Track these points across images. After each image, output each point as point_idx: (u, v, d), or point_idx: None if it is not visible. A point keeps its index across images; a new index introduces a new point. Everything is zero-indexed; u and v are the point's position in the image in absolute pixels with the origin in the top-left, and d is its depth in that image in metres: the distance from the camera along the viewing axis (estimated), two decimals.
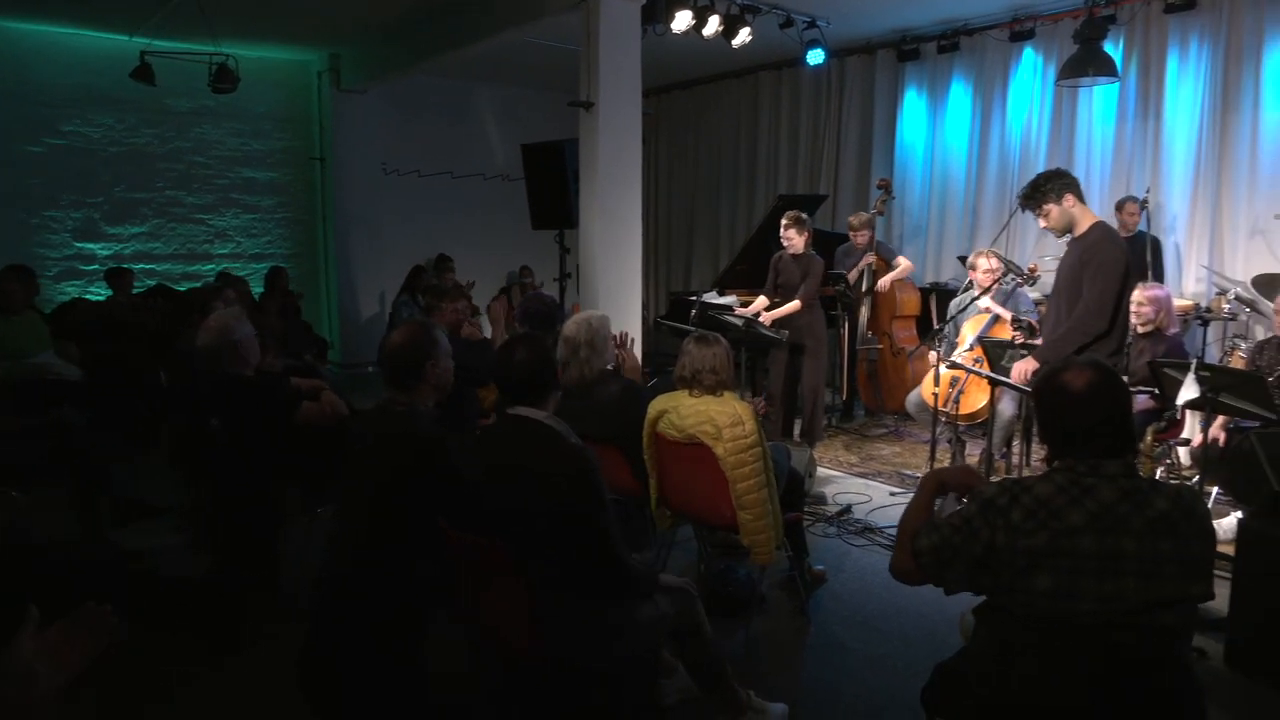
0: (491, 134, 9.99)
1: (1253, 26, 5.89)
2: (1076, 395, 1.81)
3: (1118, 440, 1.81)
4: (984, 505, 1.82)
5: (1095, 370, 1.85)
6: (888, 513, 4.82)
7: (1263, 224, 5.93)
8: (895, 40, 7.85)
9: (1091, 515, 1.72)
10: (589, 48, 5.25)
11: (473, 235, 9.77)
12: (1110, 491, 1.74)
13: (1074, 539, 1.70)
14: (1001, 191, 7.32)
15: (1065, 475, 1.80)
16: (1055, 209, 3.80)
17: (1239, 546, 3.12)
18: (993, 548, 1.77)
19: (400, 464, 2.34)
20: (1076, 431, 1.81)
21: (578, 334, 3.51)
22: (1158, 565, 1.68)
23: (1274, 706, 2.89)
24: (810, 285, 5.68)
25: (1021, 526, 1.74)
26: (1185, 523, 1.72)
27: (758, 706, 2.71)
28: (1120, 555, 1.69)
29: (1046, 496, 1.76)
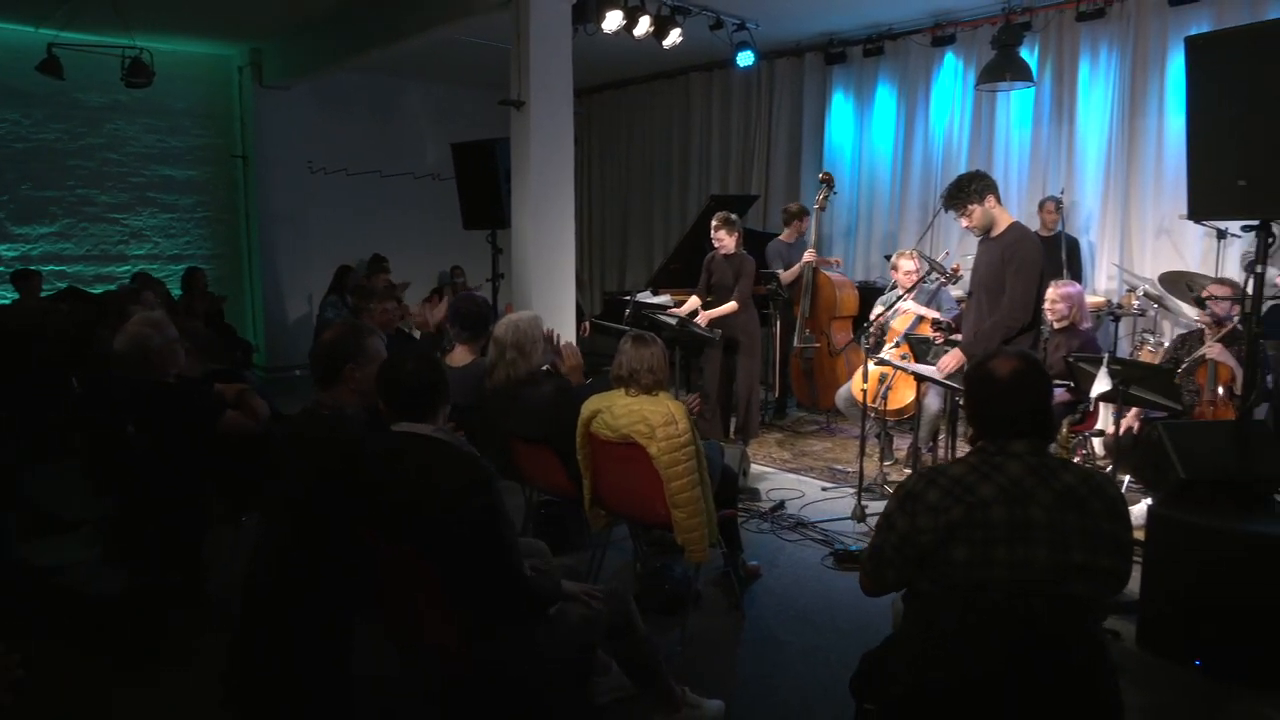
0: (421, 132, 9.85)
1: (1157, 36, 6.17)
2: (1003, 383, 1.91)
3: (1038, 428, 1.91)
4: (902, 497, 1.92)
5: (1022, 360, 1.95)
6: (819, 507, 4.91)
7: (1168, 224, 6.22)
8: (823, 43, 7.99)
9: (1001, 488, 1.83)
10: (519, 46, 5.21)
11: (403, 235, 9.62)
12: (1018, 467, 1.85)
13: (986, 510, 1.81)
14: (926, 192, 7.52)
15: (977, 456, 1.91)
16: (978, 209, 3.96)
17: (1149, 532, 3.27)
18: (915, 530, 1.86)
19: (323, 468, 2.29)
20: (1001, 418, 1.91)
21: (504, 336, 3.49)
22: (1065, 535, 1.78)
23: (1182, 682, 3.04)
24: (745, 285, 5.75)
25: (939, 505, 1.84)
26: (1093, 500, 1.82)
27: (693, 702, 2.73)
28: (1030, 524, 1.79)
29: (960, 475, 1.88)
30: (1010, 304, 3.90)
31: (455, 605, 2.12)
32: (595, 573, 3.63)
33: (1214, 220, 4.38)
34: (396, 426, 2.24)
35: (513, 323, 3.54)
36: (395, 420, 2.26)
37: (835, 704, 2.84)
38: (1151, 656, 3.20)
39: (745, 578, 3.84)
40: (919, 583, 1.96)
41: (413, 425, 2.23)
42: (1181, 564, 3.13)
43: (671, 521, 3.15)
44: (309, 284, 9.05)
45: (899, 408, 5.39)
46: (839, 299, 6.61)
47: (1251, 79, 2.81)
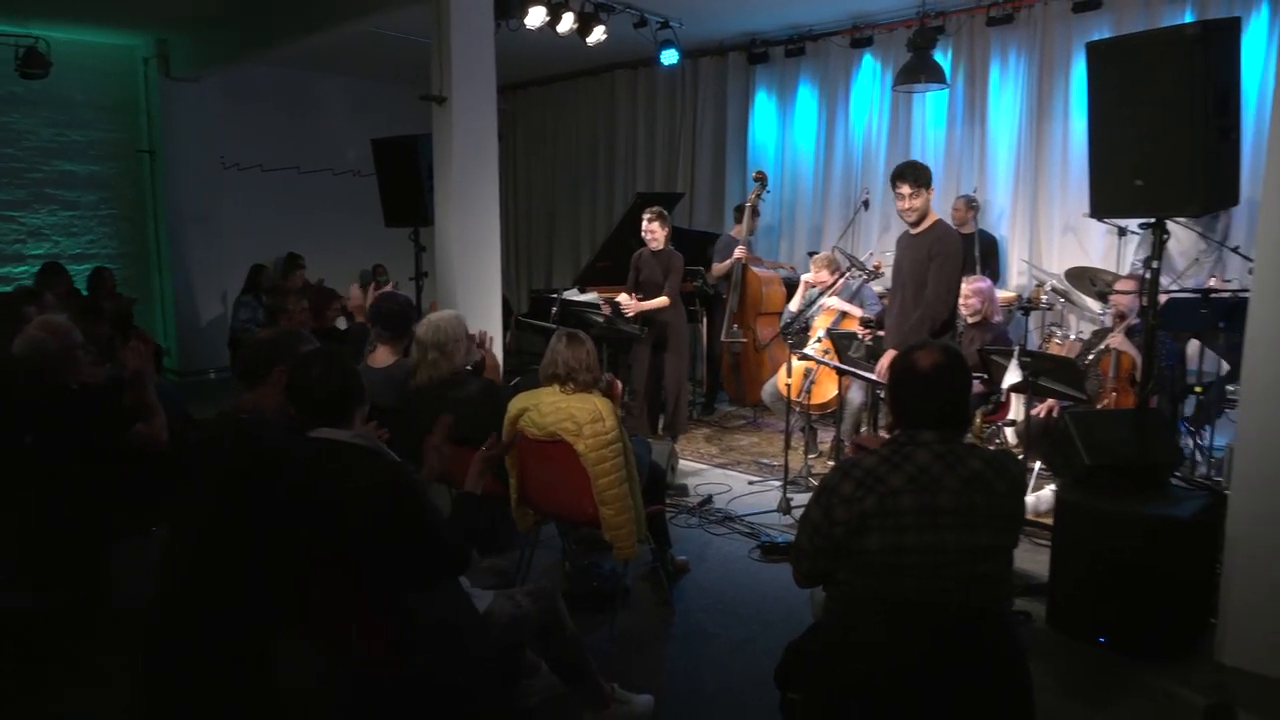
0: (340, 127, 9.60)
1: (1062, 42, 6.44)
2: (924, 374, 1.97)
3: (953, 419, 1.98)
4: (818, 492, 1.98)
5: (944, 353, 2.01)
6: (746, 501, 4.98)
7: (1074, 222, 6.49)
8: (745, 43, 8.09)
9: (910, 477, 1.89)
10: (440, 41, 5.13)
11: (322, 233, 9.38)
12: (926, 456, 1.92)
13: (896, 499, 1.87)
14: (847, 189, 7.69)
15: (889, 447, 1.97)
16: (924, 195, 4.10)
17: (1056, 516, 3.42)
18: (831, 522, 1.92)
19: (239, 475, 2.22)
20: (918, 408, 1.97)
21: (426, 337, 3.45)
22: (972, 519, 1.85)
23: (1088, 659, 3.18)
24: (674, 281, 5.80)
25: (853, 496, 1.90)
26: (999, 480, 1.90)
27: (622, 698, 2.74)
28: (938, 511, 1.86)
29: (872, 466, 1.93)
30: (933, 297, 4.02)
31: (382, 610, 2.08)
32: (523, 573, 3.60)
33: (1114, 218, 4.58)
34: (313, 433, 2.18)
35: (433, 323, 3.49)
36: (310, 426, 2.20)
37: (762, 694, 2.86)
38: (1060, 635, 3.34)
39: (674, 573, 3.87)
40: (838, 572, 2.02)
41: (329, 431, 2.17)
42: (1086, 546, 3.28)
43: (599, 519, 3.16)
44: (222, 284, 8.75)
45: (823, 402, 5.50)
46: (765, 295, 6.71)
47: (1147, 83, 2.95)
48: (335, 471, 2.09)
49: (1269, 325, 3.00)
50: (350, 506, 2.02)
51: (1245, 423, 3.11)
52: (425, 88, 5.22)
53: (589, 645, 2.92)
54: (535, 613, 2.45)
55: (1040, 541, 3.92)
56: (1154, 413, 3.63)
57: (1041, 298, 6.20)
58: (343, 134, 9.57)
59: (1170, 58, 2.87)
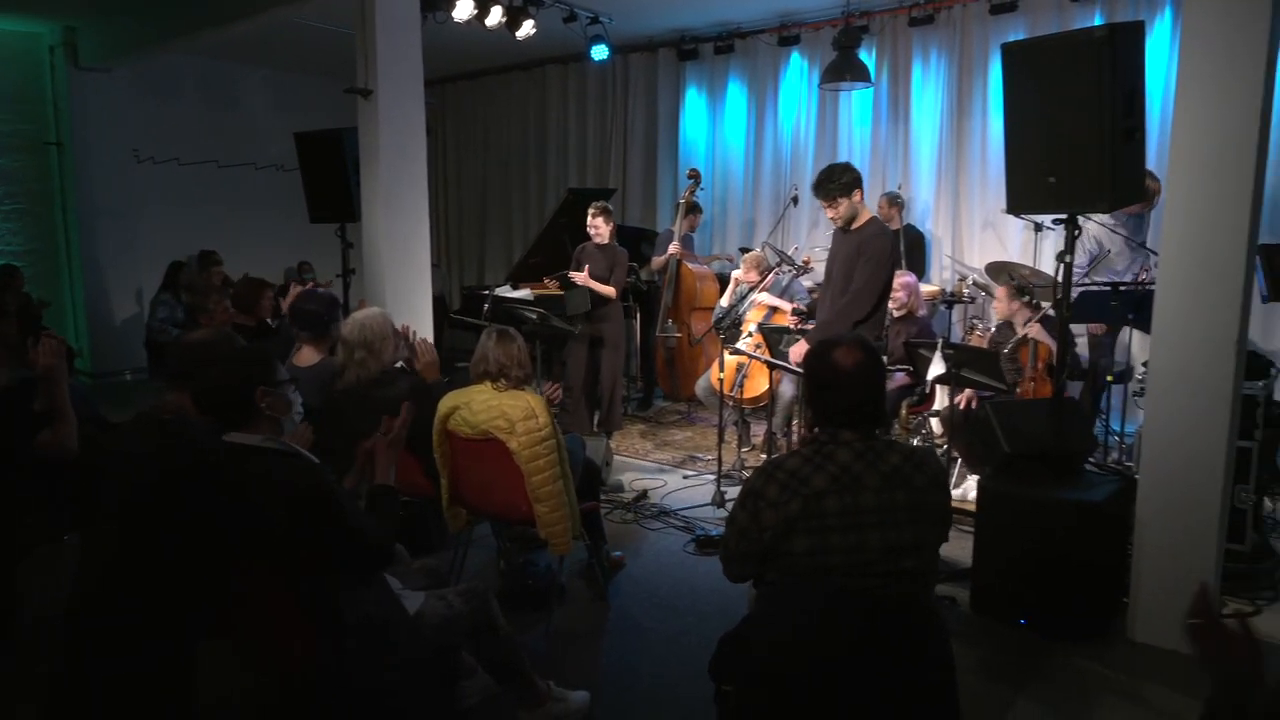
0: (262, 120, 9.33)
1: (980, 42, 6.64)
2: (846, 373, 1.98)
3: (872, 418, 2.01)
4: (744, 495, 1.99)
5: (864, 351, 2.03)
6: (681, 495, 5.02)
7: (993, 218, 6.71)
8: (675, 40, 8.13)
9: (833, 477, 1.91)
10: (365, 32, 5.01)
11: (245, 229, 9.09)
12: (847, 454, 1.94)
13: (820, 501, 1.89)
14: (777, 185, 7.79)
15: (811, 447, 1.99)
16: (844, 202, 4.12)
17: (978, 503, 3.53)
18: (759, 526, 1.94)
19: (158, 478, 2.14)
20: (838, 406, 1.99)
21: (352, 335, 3.38)
22: (894, 514, 1.89)
23: (1010, 640, 3.30)
24: (620, 275, 5.81)
25: (779, 499, 1.91)
26: (917, 475, 1.94)
27: (558, 695, 2.73)
28: (860, 510, 1.88)
29: (795, 468, 1.95)
30: (855, 294, 4.08)
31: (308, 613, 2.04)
32: (457, 573, 3.56)
33: (1030, 214, 4.75)
34: (227, 437, 2.11)
35: (359, 321, 3.42)
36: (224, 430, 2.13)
37: (697, 687, 2.89)
38: (983, 619, 3.46)
39: (609, 569, 3.87)
40: (767, 573, 2.04)
41: (239, 436, 2.10)
42: (1007, 532, 3.40)
43: (534, 516, 3.14)
44: (138, 281, 8.42)
45: (755, 396, 5.57)
46: (700, 290, 6.76)
47: (1058, 84, 3.06)
48: (251, 474, 2.03)
49: (1173, 317, 3.15)
50: (268, 509, 1.97)
51: (1152, 410, 3.26)
52: (350, 80, 5.10)
53: (524, 643, 2.91)
54: (468, 613, 2.42)
55: (964, 528, 4.05)
56: (1070, 401, 3.77)
57: (964, 291, 6.39)
58: (265, 127, 9.29)
59: (1079, 59, 2.98)
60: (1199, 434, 3.11)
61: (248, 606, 2.09)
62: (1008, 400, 4.25)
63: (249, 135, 9.27)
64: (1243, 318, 3.04)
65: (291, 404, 2.22)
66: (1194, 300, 3.09)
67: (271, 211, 9.12)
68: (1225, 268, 3.02)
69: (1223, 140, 2.98)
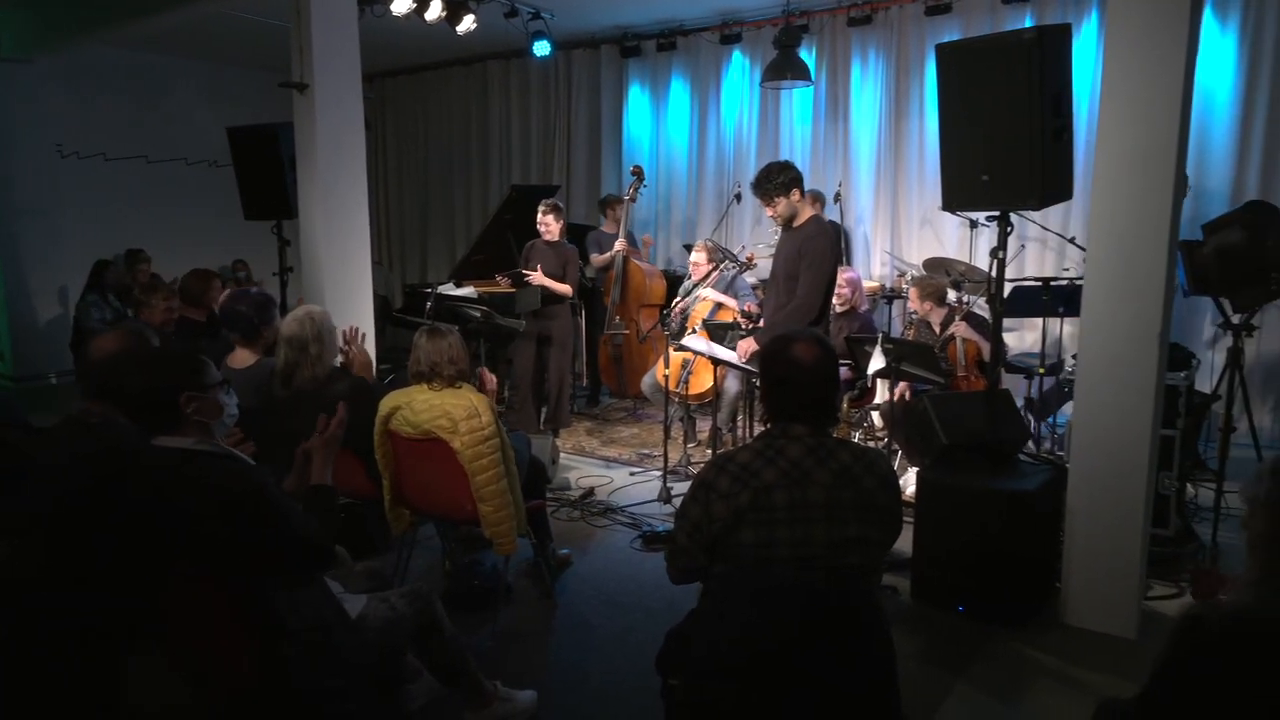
0: (193, 114, 9.05)
1: (916, 43, 6.77)
2: (809, 368, 2.00)
3: (824, 412, 2.04)
4: (695, 488, 2.00)
5: (820, 345, 2.06)
6: (628, 492, 5.03)
7: (930, 215, 6.86)
8: (618, 36, 8.12)
9: (783, 472, 1.94)
10: (299, 25, 4.89)
11: (176, 226, 8.81)
12: (798, 450, 1.96)
13: (769, 494, 1.91)
14: (720, 183, 7.85)
15: (762, 441, 2.01)
16: (782, 201, 4.15)
17: (918, 494, 3.61)
18: (709, 518, 1.95)
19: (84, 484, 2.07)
20: (793, 401, 2.01)
21: (303, 331, 3.30)
22: (841, 511, 1.92)
23: (949, 628, 3.38)
24: (573, 272, 5.80)
25: (729, 491, 1.93)
26: (867, 476, 1.97)
27: (505, 696, 2.72)
28: (808, 505, 1.91)
29: (746, 461, 1.97)
30: (802, 297, 4.08)
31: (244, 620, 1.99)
32: (401, 575, 3.52)
33: (965, 211, 4.87)
34: (156, 440, 2.05)
35: (304, 317, 3.34)
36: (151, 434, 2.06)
37: (645, 682, 2.90)
38: (923, 607, 3.54)
39: (556, 567, 3.86)
40: (714, 565, 2.06)
41: (170, 439, 2.04)
42: (946, 521, 3.48)
43: (479, 516, 3.12)
44: (62, 280, 8.10)
45: (700, 392, 5.60)
46: (648, 287, 6.77)
47: (989, 84, 3.14)
48: (183, 477, 1.97)
49: (1100, 311, 3.26)
50: (201, 513, 1.92)
51: (1081, 401, 3.37)
52: (285, 74, 4.99)
53: (471, 644, 2.89)
54: (411, 615, 2.39)
55: (905, 519, 4.12)
56: (1004, 393, 3.88)
57: (903, 287, 6.52)
58: (196, 121, 9.02)
59: (1009, 60, 3.07)
60: (1125, 424, 3.23)
61: (183, 613, 2.03)
62: (945, 393, 4.35)
63: (180, 130, 8.99)
64: (1165, 312, 3.16)
65: (224, 408, 2.15)
66: (1119, 295, 3.20)
67: (204, 208, 8.85)
68: (1148, 264, 3.14)
69: (1145, 141, 3.10)
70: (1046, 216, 5.85)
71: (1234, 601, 1.41)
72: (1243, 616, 1.37)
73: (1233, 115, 5.72)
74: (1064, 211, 5.99)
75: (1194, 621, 1.38)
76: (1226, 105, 5.74)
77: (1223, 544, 3.90)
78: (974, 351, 4.81)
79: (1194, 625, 1.37)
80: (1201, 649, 1.37)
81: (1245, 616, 1.37)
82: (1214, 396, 4.28)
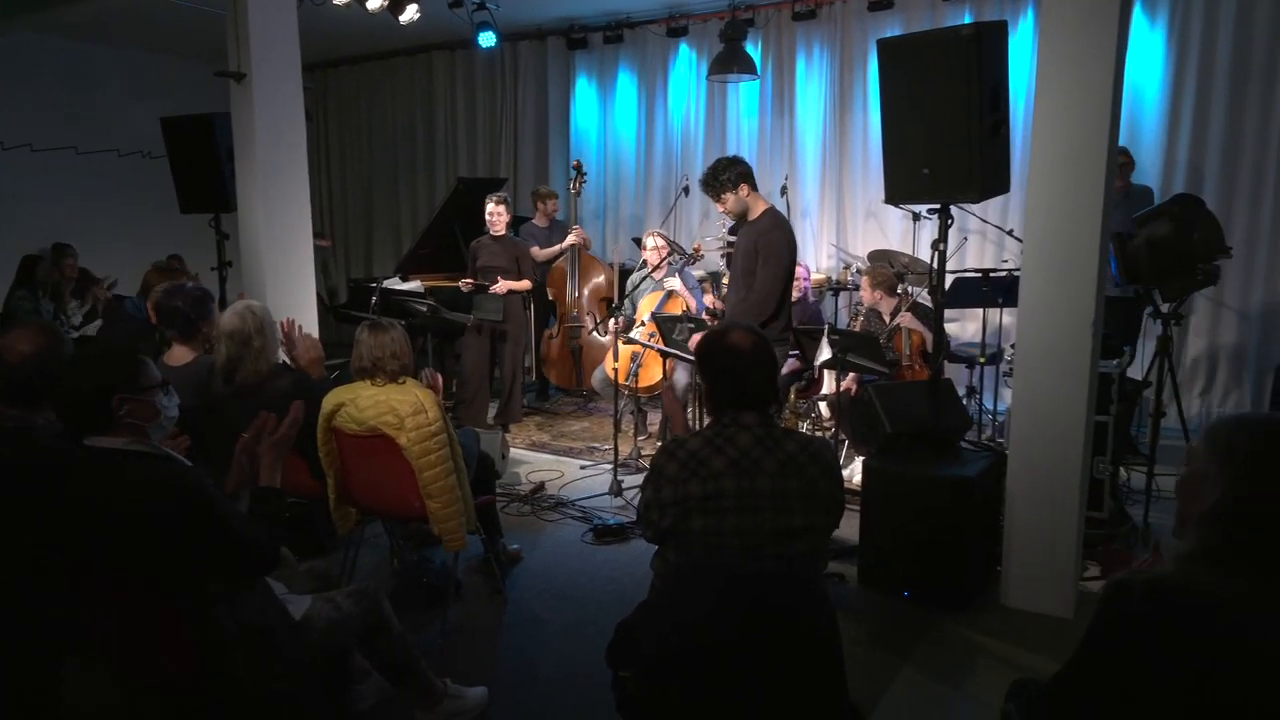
0: (126, 104, 8.75)
1: (860, 38, 6.85)
2: (748, 355, 2.06)
3: (767, 397, 2.10)
4: (649, 472, 2.05)
5: (753, 333, 2.12)
6: (579, 486, 5.02)
7: (874, 208, 6.96)
8: (564, 28, 8.07)
9: (731, 461, 1.98)
10: (236, 13, 4.77)
11: (109, 220, 8.51)
12: (747, 439, 2.01)
13: (718, 482, 1.96)
14: (668, 176, 7.85)
15: (713, 429, 2.05)
16: (732, 197, 4.14)
17: (864, 482, 3.67)
18: (659, 502, 2.01)
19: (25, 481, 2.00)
20: (736, 390, 2.05)
21: (245, 325, 3.21)
22: (787, 500, 1.97)
23: (895, 613, 3.45)
24: (529, 265, 5.75)
25: (677, 477, 1.99)
26: (811, 465, 2.02)
27: (455, 693, 2.69)
28: (756, 494, 1.96)
29: (696, 449, 2.02)
30: (759, 291, 4.05)
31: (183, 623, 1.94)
32: (349, 574, 3.47)
33: (906, 204, 4.95)
34: (87, 441, 1.98)
35: (244, 310, 3.25)
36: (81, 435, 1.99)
37: (595, 675, 2.91)
38: (870, 593, 3.61)
39: (506, 562, 3.84)
40: (666, 551, 2.09)
41: (101, 440, 1.98)
42: (891, 509, 3.55)
43: (427, 512, 3.09)
44: None
45: (650, 385, 5.61)
46: (606, 280, 6.76)
47: (929, 79, 3.20)
48: (115, 479, 1.91)
49: (1037, 301, 3.34)
50: (135, 515, 1.86)
51: (1019, 388, 3.46)
52: (222, 63, 4.85)
53: (421, 642, 2.86)
54: (358, 614, 2.36)
55: (851, 507, 4.20)
56: (946, 383, 3.96)
57: (849, 278, 6.61)
58: (129, 111, 8.72)
59: (948, 56, 3.12)
60: (1061, 410, 3.32)
61: (117, 617, 1.97)
62: (890, 383, 4.43)
63: (111, 120, 8.68)
64: (1098, 301, 3.26)
65: (161, 411, 2.07)
66: (1055, 285, 3.29)
67: (137, 201, 8.56)
68: (1082, 255, 3.23)
69: (1078, 135, 3.18)
70: (986, 209, 5.97)
71: (1161, 570, 1.39)
72: (1168, 586, 1.34)
73: (1161, 109, 5.91)
74: (1003, 204, 6.12)
75: (1118, 588, 1.38)
76: (1155, 100, 5.93)
77: (1154, 525, 4.04)
78: (919, 342, 4.91)
79: (1118, 592, 1.36)
80: (1125, 617, 1.36)
81: (1170, 586, 1.34)
82: (1145, 383, 4.43)
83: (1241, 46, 5.58)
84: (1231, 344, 5.87)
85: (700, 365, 2.20)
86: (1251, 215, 5.67)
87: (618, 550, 4.10)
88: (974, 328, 6.11)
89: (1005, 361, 5.59)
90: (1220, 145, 5.72)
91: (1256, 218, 5.66)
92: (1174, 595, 1.31)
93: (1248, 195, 5.67)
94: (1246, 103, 5.61)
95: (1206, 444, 1.39)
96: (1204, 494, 1.36)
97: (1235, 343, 5.85)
